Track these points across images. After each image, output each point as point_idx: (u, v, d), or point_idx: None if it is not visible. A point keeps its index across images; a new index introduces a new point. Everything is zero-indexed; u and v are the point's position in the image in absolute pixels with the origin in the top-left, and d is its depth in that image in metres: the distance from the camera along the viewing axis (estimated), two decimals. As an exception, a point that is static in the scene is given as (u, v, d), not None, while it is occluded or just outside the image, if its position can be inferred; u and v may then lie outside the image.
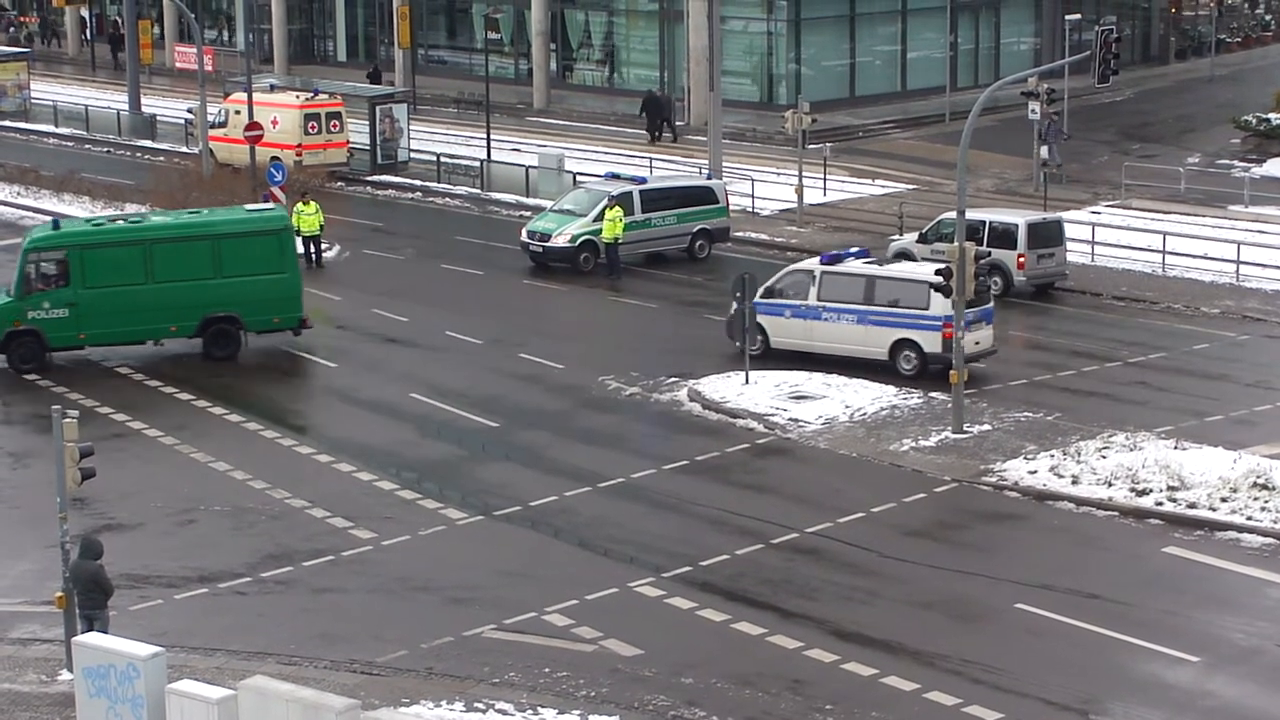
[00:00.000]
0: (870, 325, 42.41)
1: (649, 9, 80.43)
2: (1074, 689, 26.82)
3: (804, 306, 43.19)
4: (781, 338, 43.44)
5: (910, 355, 42.07)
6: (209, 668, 27.36)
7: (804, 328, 43.19)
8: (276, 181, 56.10)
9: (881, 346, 42.32)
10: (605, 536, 33.19)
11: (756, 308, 42.27)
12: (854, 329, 42.57)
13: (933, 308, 41.46)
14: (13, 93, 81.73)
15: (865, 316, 42.44)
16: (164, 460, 37.67)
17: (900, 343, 42.11)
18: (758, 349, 42.82)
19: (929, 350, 41.70)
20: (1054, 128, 64.50)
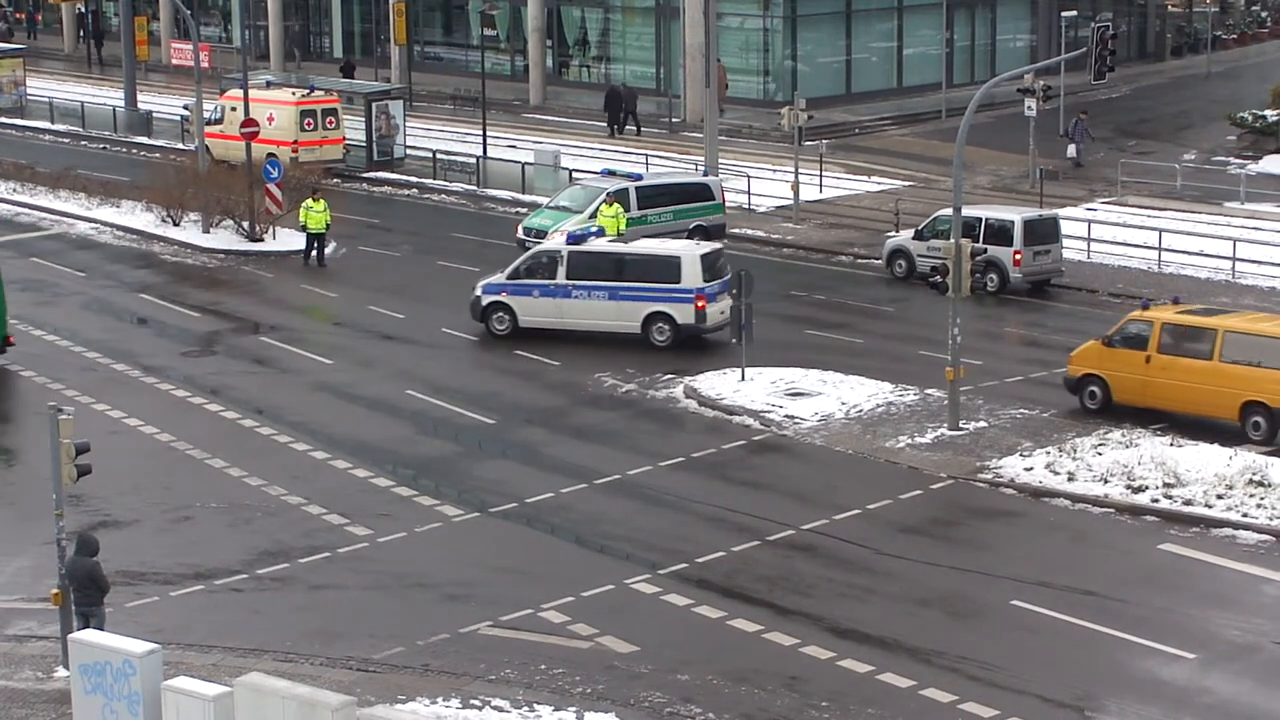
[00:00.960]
0: (622, 300, 44.32)
1: (645, 5, 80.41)
2: (1070, 686, 26.83)
3: (553, 286, 44.78)
4: (531, 317, 45.16)
5: (664, 327, 44.15)
6: (205, 664, 27.36)
7: (554, 306, 44.91)
8: (273, 178, 56.10)
9: (634, 320, 44.36)
10: (601, 533, 33.19)
11: (502, 289, 44.95)
12: (605, 305, 44.45)
13: (684, 280, 43.93)
14: (8, 89, 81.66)
15: (617, 292, 44.25)
16: (160, 457, 37.66)
17: (653, 315, 44.13)
18: (505, 328, 45.19)
19: (682, 322, 43.98)
20: (1081, 127, 64.41)
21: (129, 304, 50.25)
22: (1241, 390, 37.35)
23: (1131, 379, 38.82)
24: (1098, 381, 39.38)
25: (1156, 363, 38.57)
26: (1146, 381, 38.69)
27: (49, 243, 57.82)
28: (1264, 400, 37.17)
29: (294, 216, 56.23)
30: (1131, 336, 39.07)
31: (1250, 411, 37.39)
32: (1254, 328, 38.21)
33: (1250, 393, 37.29)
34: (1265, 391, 37.13)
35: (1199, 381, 37.77)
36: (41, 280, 52.50)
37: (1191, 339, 38.31)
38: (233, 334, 47.03)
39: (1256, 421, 37.39)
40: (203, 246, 56.34)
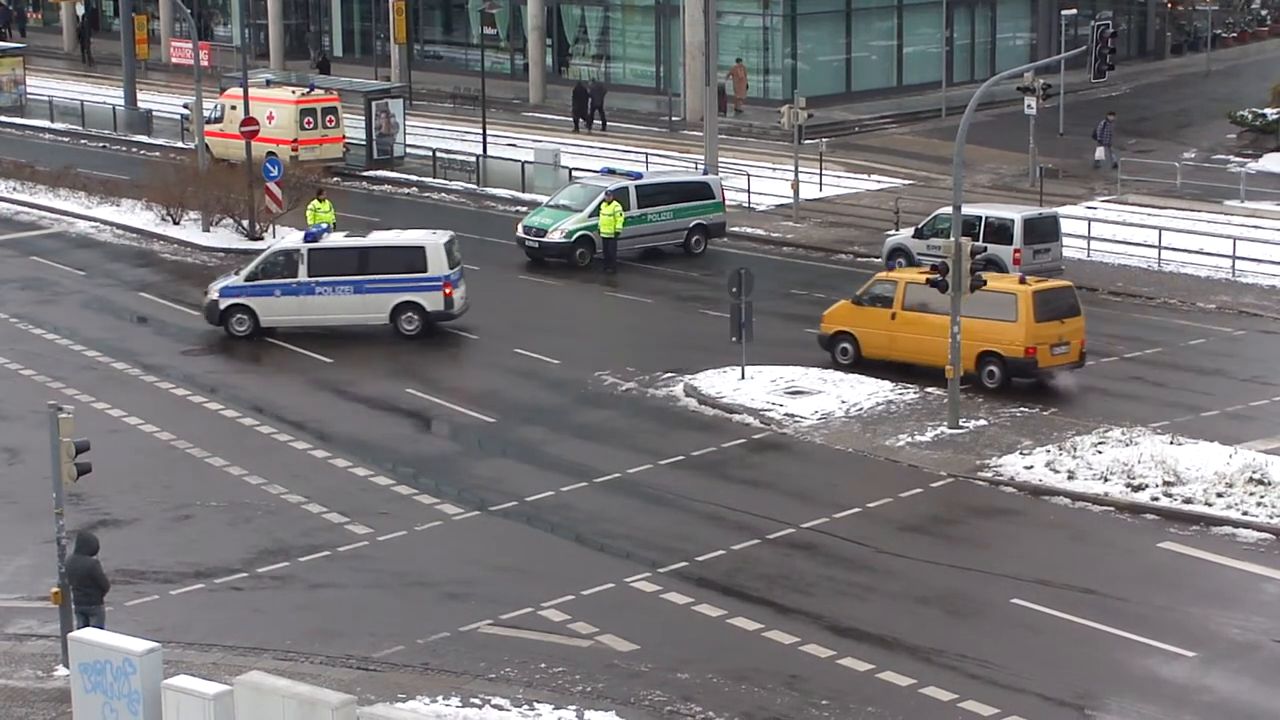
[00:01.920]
0: (368, 293, 44.96)
1: (645, 4, 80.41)
2: (1070, 684, 26.83)
3: (295, 284, 45.06)
4: (272, 317, 45.35)
5: (413, 316, 44.99)
6: (205, 663, 27.36)
7: (297, 304, 45.20)
8: (272, 177, 56.08)
9: (382, 312, 45.06)
10: (601, 532, 33.19)
11: (241, 291, 45.10)
12: (351, 299, 44.97)
13: (430, 269, 44.81)
14: (8, 88, 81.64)
15: (362, 285, 44.84)
16: (160, 455, 37.66)
17: (402, 305, 44.95)
18: (246, 329, 45.31)
19: (431, 309, 44.98)
20: (1110, 128, 64.27)
21: (129, 303, 50.24)
22: (977, 342, 40.33)
23: (879, 334, 42.28)
24: (849, 338, 42.81)
25: (901, 319, 41.98)
26: (892, 336, 42.09)
27: (49, 241, 57.82)
28: (997, 350, 40.66)
29: (294, 215, 56.25)
30: (879, 296, 42.45)
31: (985, 361, 40.76)
32: (987, 285, 40.45)
33: (985, 344, 40.56)
34: (998, 342, 40.65)
35: (940, 335, 39.97)
36: (41, 279, 52.52)
37: (930, 296, 40.87)
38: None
39: (991, 370, 40.81)
40: (203, 245, 56.34)
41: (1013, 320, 40.67)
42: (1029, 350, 40.69)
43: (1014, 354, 40.70)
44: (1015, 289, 41.18)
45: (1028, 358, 40.73)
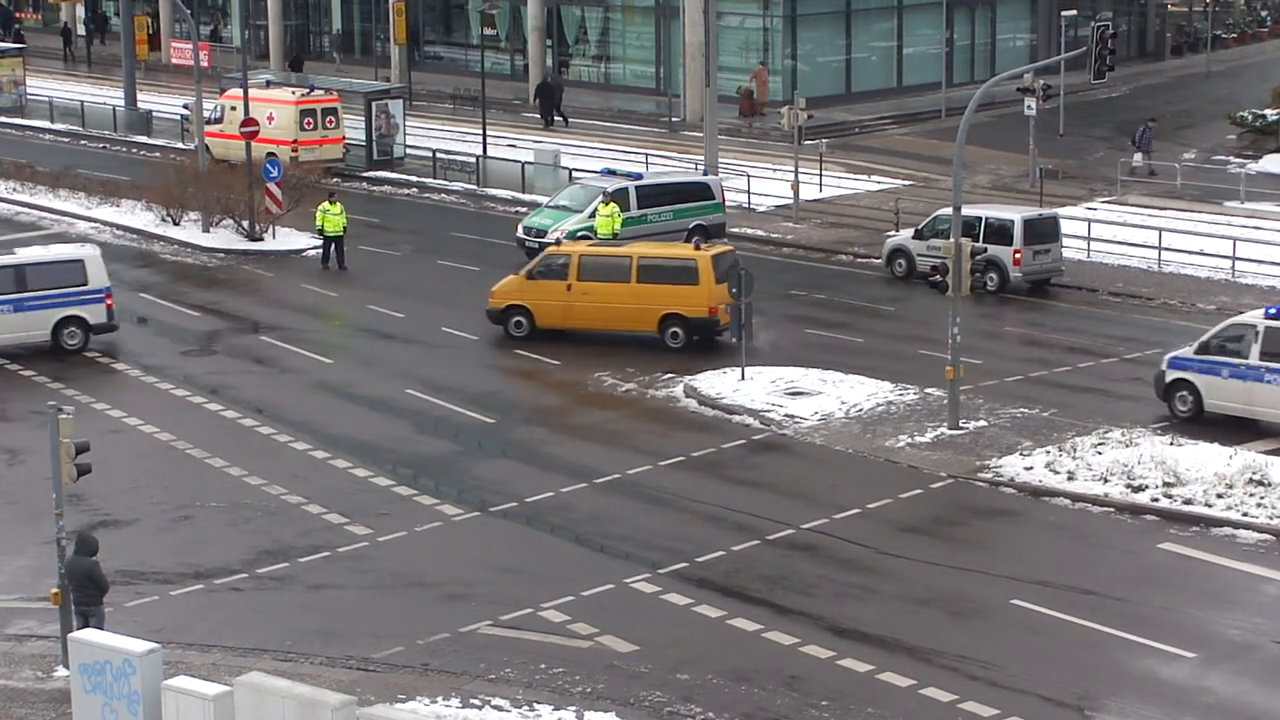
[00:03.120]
0: (29, 311, 44.14)
1: (645, 4, 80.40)
2: (1070, 685, 26.83)
3: None
4: None
5: (75, 331, 44.45)
6: (205, 664, 27.36)
7: None
8: (272, 177, 56.08)
9: (44, 328, 44.36)
10: (601, 532, 33.19)
11: None
12: (12, 318, 43.98)
13: (90, 281, 44.48)
14: (8, 88, 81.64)
15: (22, 304, 44.02)
16: (160, 456, 37.66)
17: (64, 320, 44.40)
18: None
19: (94, 323, 44.60)
20: (1149, 134, 64.10)
21: (129, 303, 50.14)
22: (660, 306, 43.86)
23: (554, 305, 44.77)
24: (522, 311, 45.10)
25: (577, 290, 44.51)
26: (569, 307, 44.69)
27: (49, 242, 57.74)
28: (681, 312, 43.78)
29: (294, 216, 56.28)
30: (552, 268, 44.96)
31: (668, 323, 43.99)
32: (663, 252, 45.53)
33: (668, 307, 43.84)
34: (680, 305, 43.73)
35: (620, 302, 43.99)
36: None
37: (608, 267, 44.47)
38: (233, 333, 47.02)
39: (675, 331, 44.03)
40: (203, 246, 56.34)
41: (695, 284, 43.60)
42: (712, 310, 43.69)
43: (698, 314, 43.78)
44: (695, 254, 44.35)
45: (711, 317, 43.79)
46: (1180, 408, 38.77)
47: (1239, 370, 37.88)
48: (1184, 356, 38.95)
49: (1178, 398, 38.83)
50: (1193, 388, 38.58)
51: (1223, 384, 38.13)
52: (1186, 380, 38.69)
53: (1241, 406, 38.03)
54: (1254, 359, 37.70)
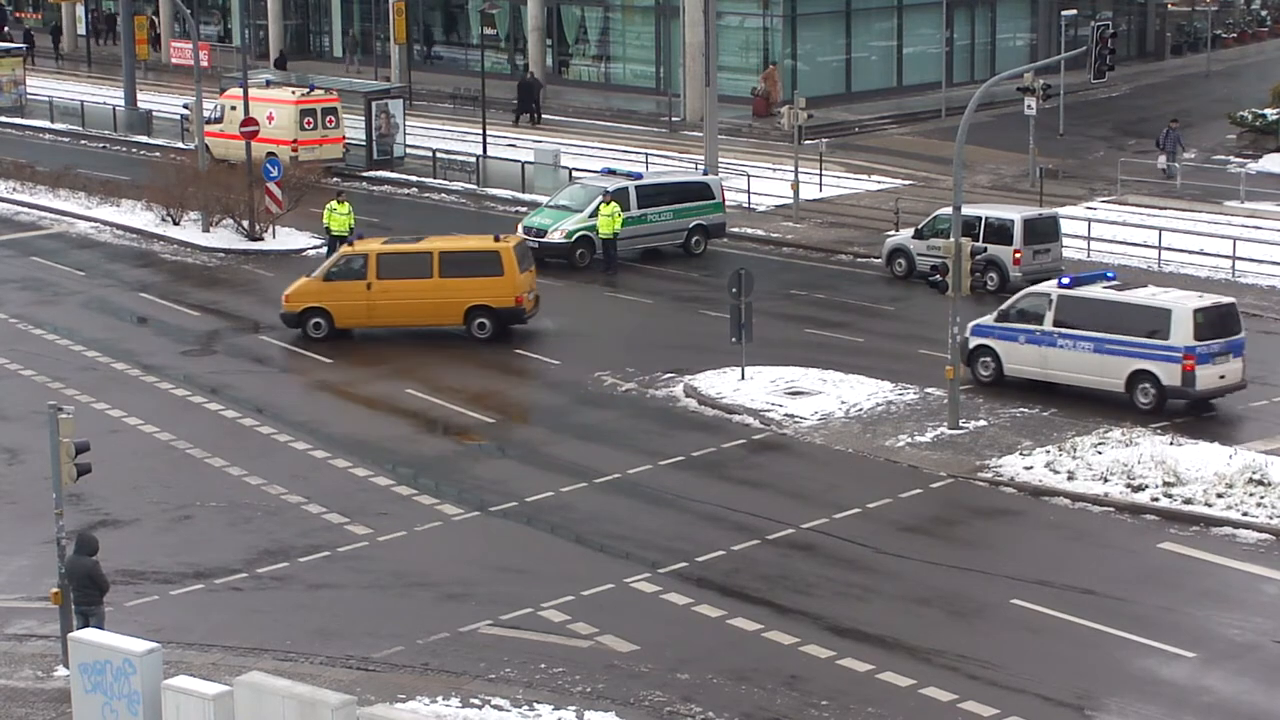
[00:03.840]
0: None
1: (645, 4, 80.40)
2: (1070, 684, 26.83)
3: None
4: None
5: None
6: (205, 664, 27.36)
7: None
8: (272, 177, 56.07)
9: None
10: (601, 532, 33.19)
11: None
12: None
13: None
14: (8, 88, 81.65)
15: None
16: (160, 456, 37.66)
17: None
18: None
19: None
20: (1173, 136, 63.92)
21: (129, 303, 50.24)
22: (466, 299, 44.56)
23: (355, 305, 44.87)
24: (321, 313, 45.09)
25: (379, 288, 44.67)
26: (371, 305, 44.84)
27: (49, 241, 57.82)
28: (486, 303, 44.59)
29: (294, 216, 56.27)
30: (350, 269, 45.01)
31: (475, 315, 44.68)
32: (464, 245, 45.81)
33: (474, 299, 44.58)
34: (486, 296, 44.55)
35: (424, 297, 44.45)
36: (41, 279, 52.52)
37: (409, 263, 44.76)
38: (232, 333, 47.03)
39: (482, 323, 44.73)
40: (203, 245, 56.34)
41: (500, 274, 44.39)
42: (518, 299, 44.76)
43: (505, 304, 44.68)
44: (497, 245, 44.92)
45: (517, 306, 44.83)
46: (983, 372, 41.25)
47: (1035, 336, 40.52)
48: (985, 324, 41.44)
49: (980, 363, 41.31)
50: (993, 353, 41.14)
51: (1020, 349, 40.77)
52: (988, 346, 41.24)
53: (1038, 370, 40.65)
54: (1048, 325, 40.25)
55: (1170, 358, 38.71)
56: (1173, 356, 38.71)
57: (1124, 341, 39.26)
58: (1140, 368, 39.16)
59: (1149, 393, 39.13)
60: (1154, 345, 38.97)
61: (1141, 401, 39.23)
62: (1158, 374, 38.92)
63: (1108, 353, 39.50)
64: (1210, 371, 39.21)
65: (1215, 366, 39.34)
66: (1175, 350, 38.66)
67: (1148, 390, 39.15)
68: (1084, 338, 39.75)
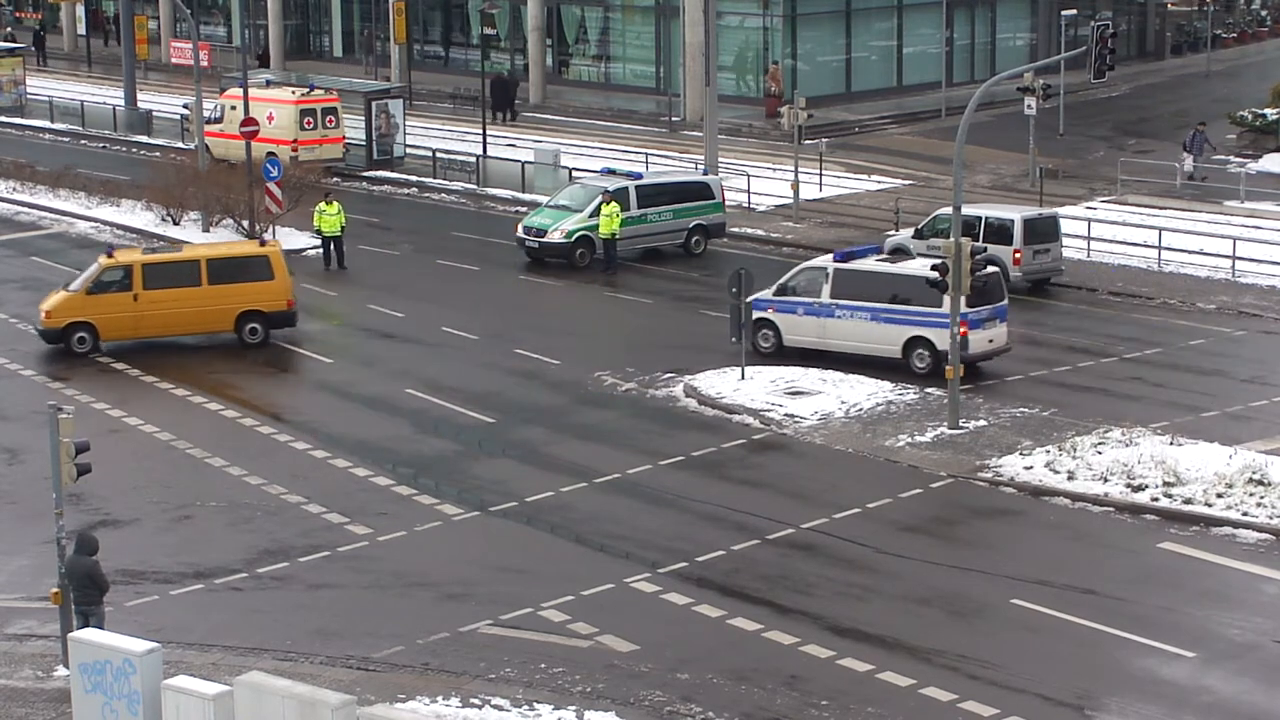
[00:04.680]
0: None
1: (645, 4, 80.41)
2: (1070, 684, 26.83)
3: None
4: None
5: None
6: (205, 663, 27.37)
7: None
8: (272, 177, 56.06)
9: None
10: (601, 532, 33.19)
11: None
12: None
13: None
14: (8, 88, 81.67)
15: None
16: (160, 456, 37.66)
17: None
18: None
19: None
20: (1200, 138, 63.78)
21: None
22: (236, 304, 44.49)
23: (122, 318, 44.29)
24: (85, 327, 44.27)
25: (145, 299, 44.23)
26: (139, 317, 44.32)
27: (49, 241, 57.82)
28: (258, 308, 44.67)
29: (294, 216, 56.25)
30: (112, 282, 44.39)
31: (246, 320, 44.68)
32: (231, 251, 46.01)
33: (245, 304, 44.56)
34: (258, 301, 44.61)
35: (194, 305, 44.23)
36: (41, 279, 52.42)
37: (176, 272, 44.51)
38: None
39: (253, 328, 44.59)
40: (202, 245, 56.31)
41: (271, 279, 44.56)
42: (290, 303, 44.92)
43: (277, 308, 44.74)
44: (266, 250, 45.22)
45: (289, 310, 44.99)
46: (763, 344, 43.30)
47: (813, 308, 42.75)
48: (764, 298, 43.28)
49: (760, 335, 43.29)
50: (773, 325, 43.28)
51: (799, 320, 43.03)
52: (767, 319, 43.32)
53: (815, 340, 42.83)
54: (825, 298, 42.51)
55: (944, 324, 40.17)
56: (946, 323, 39.86)
57: (900, 310, 41.62)
58: (916, 334, 41.50)
59: (924, 358, 41.48)
60: (929, 313, 41.10)
61: (918, 366, 41.46)
62: (933, 340, 41.09)
63: (885, 321, 41.93)
64: (980, 336, 41.48)
65: (985, 331, 41.71)
66: (948, 317, 39.84)
67: (923, 355, 41.48)
68: (861, 308, 42.07)
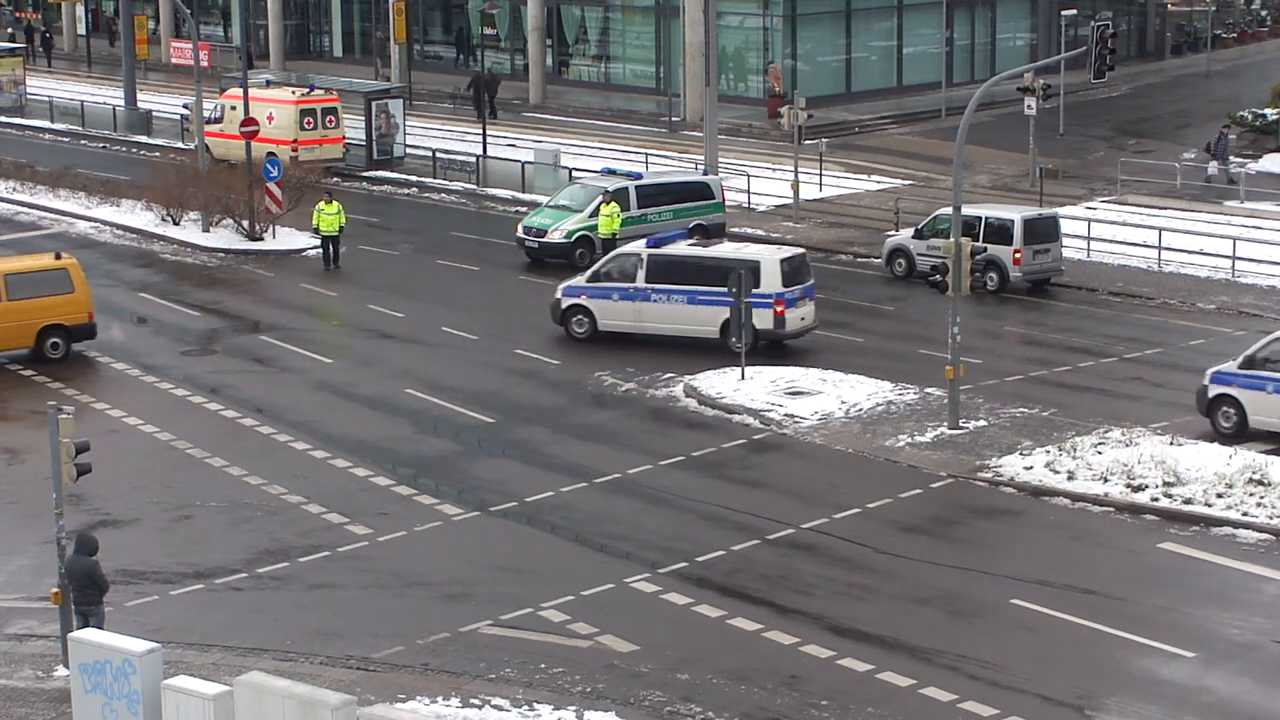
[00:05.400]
0: None
1: (645, 4, 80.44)
2: (1070, 684, 26.83)
3: None
4: None
5: None
6: (205, 664, 27.37)
7: None
8: (272, 177, 56.09)
9: None
10: (601, 532, 33.19)
11: None
12: None
13: None
14: (8, 88, 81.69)
15: None
16: (160, 456, 37.66)
17: None
18: None
19: None
20: (1225, 142, 63.75)
21: (129, 303, 50.25)
22: (38, 319, 43.56)
23: None
24: None
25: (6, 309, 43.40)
26: None
27: (49, 242, 57.73)
28: (61, 322, 43.87)
29: (294, 216, 56.28)
30: None
31: (47, 334, 43.78)
32: (28, 265, 45.03)
33: (46, 319, 43.69)
34: (59, 315, 43.82)
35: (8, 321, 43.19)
36: (41, 279, 52.48)
37: (27, 285, 43.70)
38: (232, 333, 47.03)
39: (55, 342, 43.83)
40: (203, 245, 56.36)
41: (71, 291, 43.88)
42: (90, 315, 44.33)
43: (79, 322, 44.06)
44: (63, 263, 44.43)
45: (90, 323, 44.31)
46: (577, 330, 45.01)
47: (628, 293, 44.33)
48: (577, 285, 45.27)
49: (574, 321, 44.98)
50: (588, 311, 44.84)
51: (614, 305, 44.55)
52: (581, 305, 44.95)
53: (631, 324, 44.50)
54: (641, 282, 44.05)
55: (763, 304, 42.49)
56: (765, 302, 42.21)
57: (718, 292, 42.39)
58: None
59: None
60: None
61: (735, 345, 41.40)
62: (753, 319, 42.14)
63: (702, 303, 43.38)
64: (795, 314, 43.55)
65: (798, 310, 43.77)
66: (767, 297, 42.58)
67: None
68: (678, 291, 43.71)
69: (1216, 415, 37.83)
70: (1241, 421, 37.40)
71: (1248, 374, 37.46)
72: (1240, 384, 37.52)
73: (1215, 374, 37.98)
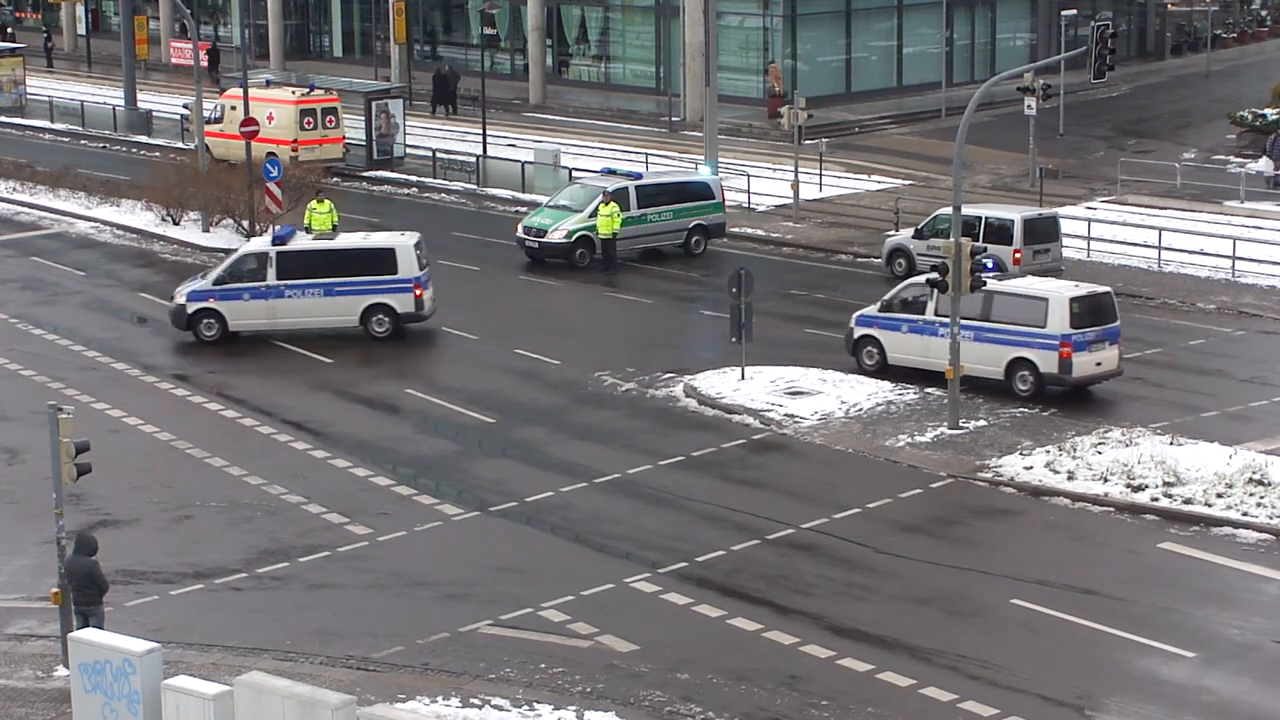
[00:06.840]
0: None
1: (645, 4, 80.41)
2: (1070, 684, 26.84)
3: None
4: None
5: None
6: (205, 664, 27.37)
7: None
8: (272, 177, 56.05)
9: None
10: (601, 532, 33.19)
11: None
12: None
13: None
14: (8, 88, 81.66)
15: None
16: (160, 456, 37.66)
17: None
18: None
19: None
20: (1278, 142, 63.54)
21: (129, 303, 50.25)
22: None
23: None
24: None
25: None
26: None
27: (49, 241, 57.83)
28: None
29: (294, 215, 56.23)
30: None
31: None
32: None
33: None
34: None
35: None
36: (41, 279, 52.53)
37: None
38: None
39: None
40: (203, 245, 56.33)
41: None
42: None
43: None
44: None
45: None
46: (207, 333, 45.16)
47: (259, 291, 44.83)
48: (203, 289, 45.31)
49: (203, 325, 45.18)
50: (217, 314, 45.07)
51: (244, 305, 44.98)
52: (210, 309, 45.13)
53: (266, 322, 45.16)
54: (272, 280, 44.90)
55: (404, 290, 44.78)
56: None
57: (357, 282, 44.72)
58: (375, 302, 44.82)
59: (384, 323, 45.13)
60: (386, 281, 44.80)
61: (377, 330, 44.86)
62: (393, 305, 44.74)
63: (341, 294, 45.03)
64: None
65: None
66: (406, 282, 44.69)
67: (383, 320, 45.08)
68: (313, 285, 44.92)
69: (861, 354, 41.95)
70: (882, 359, 41.63)
71: (885, 316, 41.68)
72: (880, 325, 41.75)
73: (859, 317, 42.12)
